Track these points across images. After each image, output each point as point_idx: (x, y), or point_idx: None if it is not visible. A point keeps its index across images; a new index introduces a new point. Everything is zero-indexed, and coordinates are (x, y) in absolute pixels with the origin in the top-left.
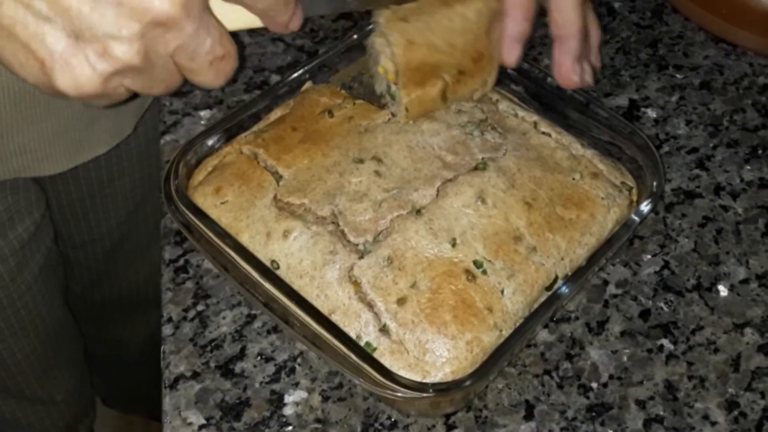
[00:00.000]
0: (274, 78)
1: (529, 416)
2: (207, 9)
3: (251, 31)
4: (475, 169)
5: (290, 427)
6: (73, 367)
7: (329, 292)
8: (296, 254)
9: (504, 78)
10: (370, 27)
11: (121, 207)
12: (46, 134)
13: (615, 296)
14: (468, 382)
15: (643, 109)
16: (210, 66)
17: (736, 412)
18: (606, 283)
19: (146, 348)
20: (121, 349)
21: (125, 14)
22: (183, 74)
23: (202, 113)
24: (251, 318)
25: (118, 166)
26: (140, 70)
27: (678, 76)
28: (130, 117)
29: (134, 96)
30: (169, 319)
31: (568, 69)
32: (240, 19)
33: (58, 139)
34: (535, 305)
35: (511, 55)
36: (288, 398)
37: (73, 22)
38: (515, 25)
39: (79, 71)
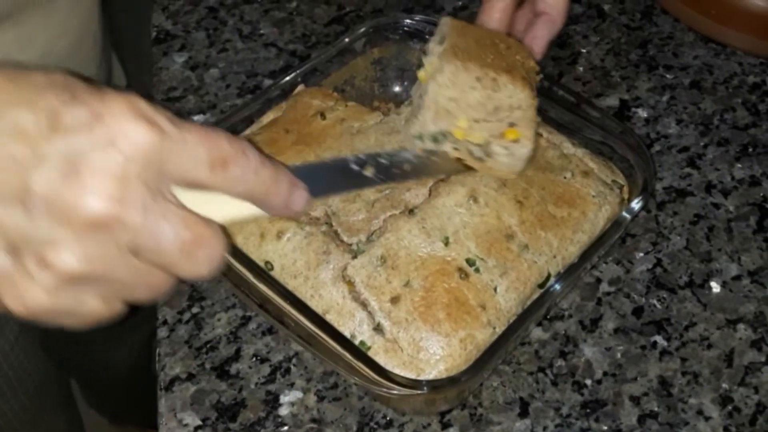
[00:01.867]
0: (267, 82)
1: (523, 413)
2: (156, 195)
3: (244, 36)
4: (470, 169)
5: (286, 427)
6: (62, 411)
7: (323, 292)
8: (290, 255)
9: None
10: (362, 30)
11: None
12: None
13: (608, 294)
14: (462, 379)
15: (633, 109)
16: (182, 255)
17: (729, 407)
18: (599, 281)
19: (135, 364)
20: (109, 368)
21: (56, 219)
22: (163, 272)
23: (196, 118)
24: (246, 320)
25: None
26: (96, 277)
27: (668, 76)
28: None
29: (134, 309)
30: (164, 322)
31: (542, 47)
32: (227, 208)
33: None
34: (528, 302)
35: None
36: (283, 398)
37: (9, 236)
38: (554, 28)
39: (23, 287)
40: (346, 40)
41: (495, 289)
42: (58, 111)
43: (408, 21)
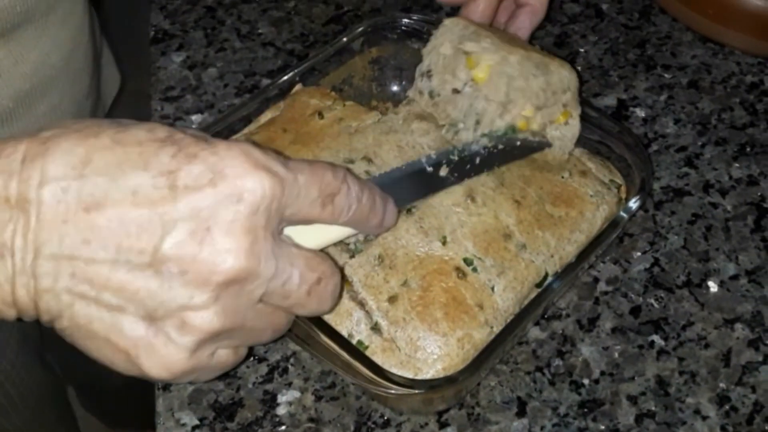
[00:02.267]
0: (265, 82)
1: (521, 413)
2: (278, 241)
3: (242, 36)
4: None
5: (283, 427)
6: (62, 422)
7: None
8: None
9: None
10: (360, 29)
11: None
12: None
13: (606, 293)
14: (459, 379)
15: (631, 109)
16: (309, 296)
17: (727, 407)
18: (597, 280)
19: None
20: (103, 376)
21: (193, 282)
22: (285, 312)
23: (194, 117)
24: None
25: None
26: (231, 330)
27: (666, 75)
28: None
29: (249, 351)
30: None
31: (525, 37)
32: (325, 235)
33: None
34: (526, 302)
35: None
36: (281, 398)
37: (145, 304)
38: (536, 18)
39: (164, 352)
40: (344, 39)
41: (492, 289)
42: (175, 170)
43: (406, 20)
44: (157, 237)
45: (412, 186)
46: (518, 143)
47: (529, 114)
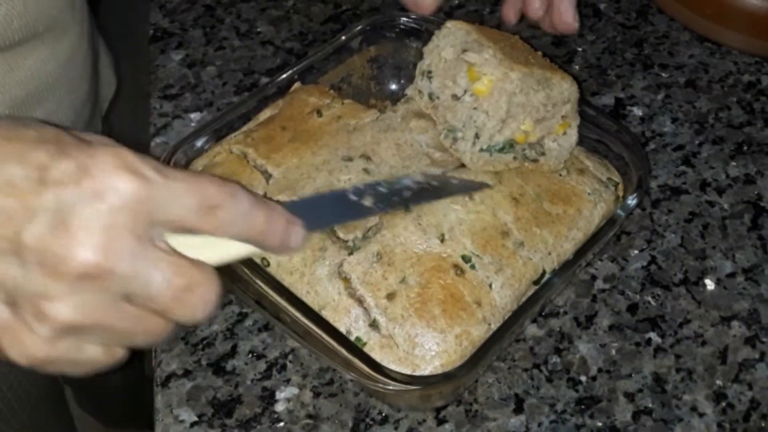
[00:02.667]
0: (264, 80)
1: (518, 410)
2: (145, 243)
3: (241, 34)
4: (463, 165)
5: (282, 423)
6: (59, 424)
7: (319, 289)
8: None
9: None
10: (359, 28)
11: None
12: None
13: (603, 291)
14: (457, 375)
15: (629, 108)
16: (175, 301)
17: (723, 404)
18: (594, 278)
19: (126, 373)
20: (100, 376)
21: (48, 271)
22: (159, 317)
23: (192, 115)
24: (242, 316)
25: None
26: (92, 326)
27: (663, 74)
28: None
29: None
30: None
31: (570, 16)
32: (223, 250)
33: None
34: (523, 299)
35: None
36: (279, 395)
37: (8, 290)
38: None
39: (23, 338)
40: (343, 38)
41: (490, 286)
42: (47, 165)
43: (404, 19)
44: (20, 226)
45: (330, 211)
46: (454, 182)
47: (528, 128)
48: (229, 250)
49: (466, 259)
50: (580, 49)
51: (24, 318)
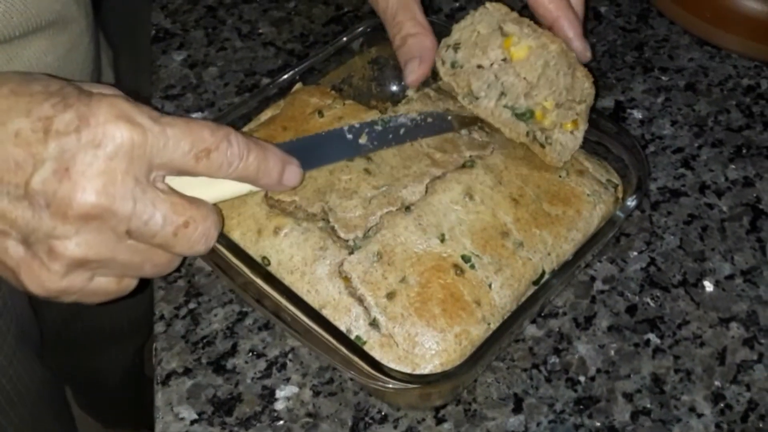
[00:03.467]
0: (265, 81)
1: (517, 409)
2: (144, 185)
3: (242, 36)
4: (463, 166)
5: (281, 422)
6: (58, 420)
7: (320, 288)
8: (287, 250)
9: None
10: (360, 29)
11: None
12: None
13: (602, 292)
14: (456, 374)
15: (629, 111)
16: (176, 237)
17: (722, 405)
18: (593, 279)
19: (126, 374)
20: (100, 376)
21: (56, 214)
22: (163, 251)
23: (194, 116)
24: (243, 315)
25: None
26: (101, 261)
27: (663, 78)
28: None
29: (145, 282)
30: (162, 317)
31: (579, 48)
32: (219, 188)
33: None
34: (523, 299)
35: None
36: (279, 393)
37: (21, 230)
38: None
39: (38, 272)
40: (344, 39)
41: (490, 286)
42: (51, 117)
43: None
44: (29, 173)
45: (328, 149)
46: (449, 118)
47: (549, 107)
48: (228, 189)
49: (465, 258)
50: None
51: (38, 255)
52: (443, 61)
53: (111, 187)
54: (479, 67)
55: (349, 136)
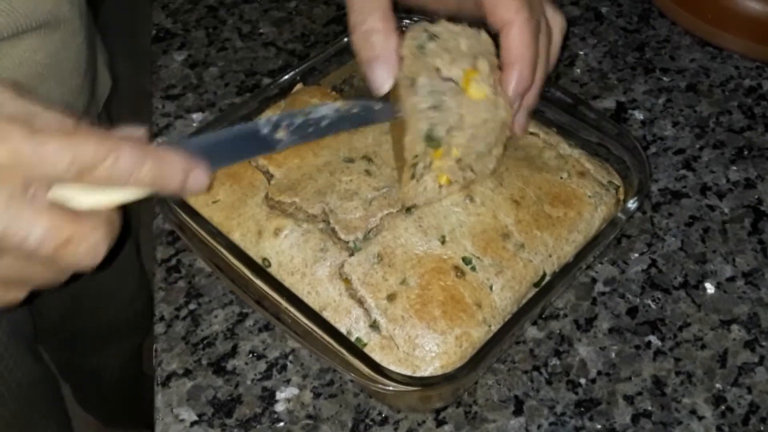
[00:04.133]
0: (266, 81)
1: (518, 411)
2: (20, 199)
3: (243, 36)
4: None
5: (282, 423)
6: (52, 416)
7: (320, 289)
8: (287, 252)
9: None
10: None
11: None
12: None
13: (603, 294)
14: (457, 376)
15: (630, 111)
16: (59, 253)
17: (723, 407)
18: (594, 281)
19: (124, 371)
20: (98, 374)
21: None
22: (49, 265)
23: (194, 116)
24: (243, 316)
25: None
26: None
27: (665, 78)
28: None
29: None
30: (162, 318)
31: (519, 122)
32: (108, 195)
33: None
34: (524, 301)
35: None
36: (279, 395)
37: None
38: (522, 83)
39: None
40: (345, 39)
41: (490, 288)
42: None
43: (406, 21)
44: None
45: (240, 146)
46: (377, 108)
47: (453, 154)
48: (123, 194)
49: (466, 260)
50: (581, 53)
51: None
52: (414, 38)
53: None
54: (437, 69)
55: (265, 131)
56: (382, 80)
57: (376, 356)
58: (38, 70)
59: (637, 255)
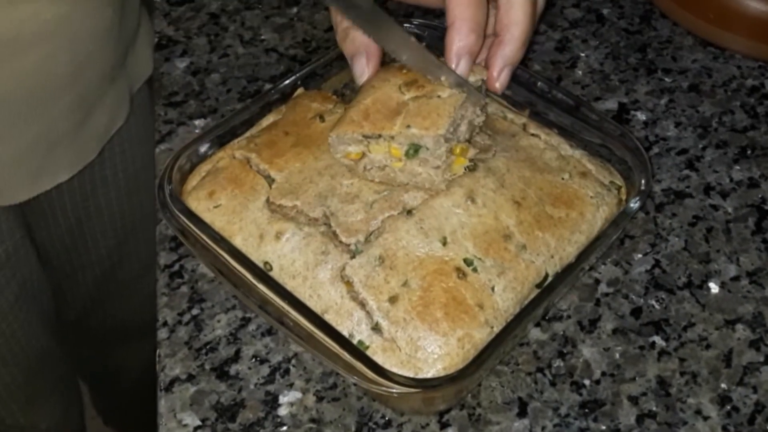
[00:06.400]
0: (268, 87)
1: (522, 413)
2: None
3: (245, 42)
4: (465, 169)
5: (285, 427)
6: (60, 395)
7: (322, 292)
8: (289, 255)
9: None
10: None
11: (110, 236)
12: (4, 161)
13: (607, 295)
14: (460, 378)
15: (632, 112)
16: None
17: (728, 407)
18: (597, 282)
19: (144, 372)
20: (118, 372)
21: None
22: None
23: (197, 122)
24: (246, 321)
25: (105, 196)
26: None
27: (667, 79)
28: (92, 142)
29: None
30: (165, 323)
31: (493, 76)
32: None
33: (16, 166)
34: (526, 302)
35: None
36: (282, 399)
37: None
38: (459, 39)
39: None
40: None
41: (493, 289)
42: None
43: (407, 26)
44: None
45: None
46: None
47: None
48: None
49: (468, 262)
50: (583, 54)
51: None
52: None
53: None
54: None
55: None
56: (361, 71)
57: (379, 359)
58: (48, 28)
59: (640, 255)
